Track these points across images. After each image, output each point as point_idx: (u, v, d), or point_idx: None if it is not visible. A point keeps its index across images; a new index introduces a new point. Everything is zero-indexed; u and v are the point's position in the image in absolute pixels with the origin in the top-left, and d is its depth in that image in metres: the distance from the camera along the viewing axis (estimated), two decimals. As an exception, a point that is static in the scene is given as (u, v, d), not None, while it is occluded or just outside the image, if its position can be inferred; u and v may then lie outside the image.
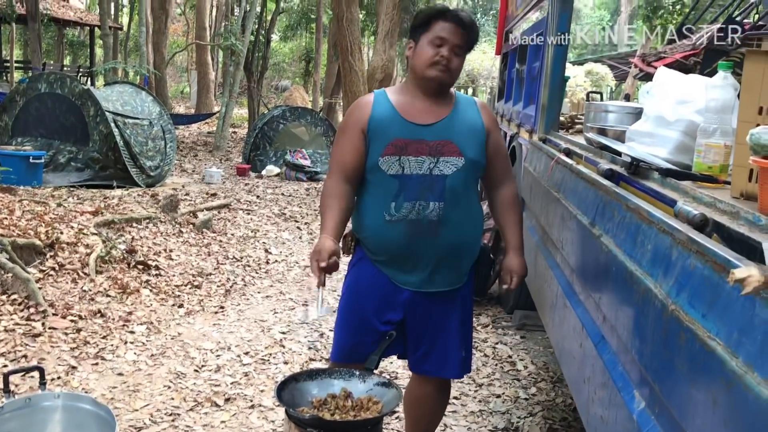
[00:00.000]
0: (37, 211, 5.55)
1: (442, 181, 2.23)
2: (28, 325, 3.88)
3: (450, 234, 2.27)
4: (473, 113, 2.35)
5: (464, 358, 2.49)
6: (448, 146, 2.25)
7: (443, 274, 2.34)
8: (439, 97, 2.31)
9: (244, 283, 5.42)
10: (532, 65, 4.90)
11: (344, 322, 2.45)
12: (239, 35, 14.59)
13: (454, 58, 2.24)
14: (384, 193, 2.26)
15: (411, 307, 2.36)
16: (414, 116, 2.27)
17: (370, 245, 2.36)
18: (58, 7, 22.54)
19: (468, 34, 2.26)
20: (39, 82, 8.77)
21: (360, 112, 2.30)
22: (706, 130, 1.98)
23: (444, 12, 2.26)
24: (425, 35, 2.25)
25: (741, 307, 1.09)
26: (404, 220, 2.24)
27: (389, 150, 2.23)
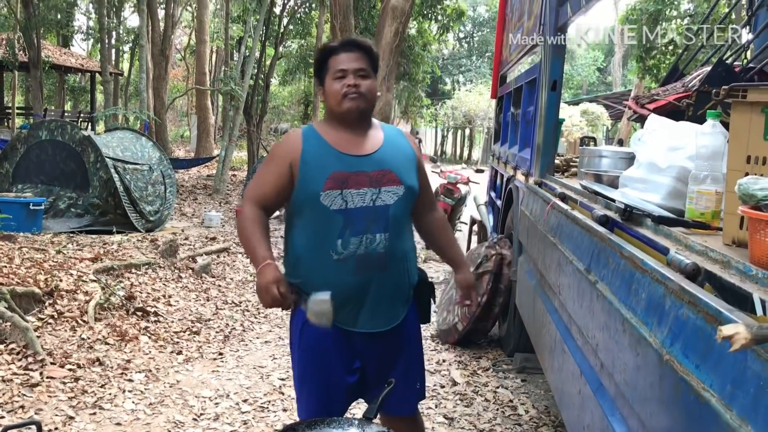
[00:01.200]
0: (36, 259, 5.56)
1: (386, 211, 2.21)
2: (25, 374, 3.86)
3: (397, 265, 2.26)
4: (403, 142, 2.37)
5: (418, 389, 2.49)
6: (387, 175, 2.23)
7: (392, 311, 2.30)
8: (364, 126, 2.30)
9: (243, 328, 5.41)
10: (527, 109, 4.97)
11: (309, 385, 2.37)
12: (239, 80, 14.78)
13: (362, 82, 2.22)
14: (328, 230, 2.19)
15: (365, 353, 2.32)
16: (349, 148, 2.24)
17: (314, 289, 2.20)
18: (60, 54, 22.88)
19: (366, 55, 2.27)
20: (40, 129, 8.86)
21: (289, 146, 2.26)
22: (697, 176, 2.02)
23: (335, 46, 2.29)
24: (327, 75, 2.26)
25: (733, 359, 1.11)
26: (353, 256, 2.18)
27: (329, 184, 2.17)
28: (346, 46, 2.26)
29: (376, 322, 2.29)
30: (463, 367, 4.79)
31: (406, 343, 2.39)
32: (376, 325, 2.30)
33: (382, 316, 2.30)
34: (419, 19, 21.18)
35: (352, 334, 2.30)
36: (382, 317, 2.30)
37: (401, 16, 11.38)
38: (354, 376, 2.34)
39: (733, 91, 1.70)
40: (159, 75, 19.92)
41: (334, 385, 2.34)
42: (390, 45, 11.40)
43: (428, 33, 23.10)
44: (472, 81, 40.89)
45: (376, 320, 2.29)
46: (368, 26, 20.01)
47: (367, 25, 20.02)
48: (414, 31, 22.85)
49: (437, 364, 4.81)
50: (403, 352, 2.39)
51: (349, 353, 2.32)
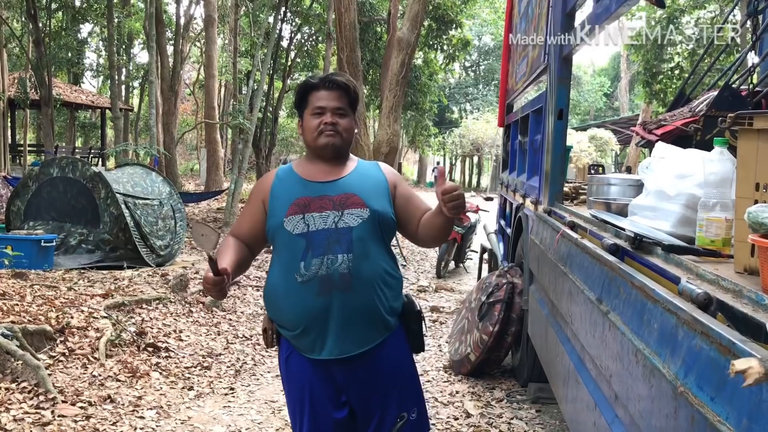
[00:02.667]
0: (47, 296, 5.58)
1: (348, 233, 2.21)
2: (37, 413, 3.85)
3: (364, 288, 2.21)
4: (375, 171, 2.40)
5: (413, 421, 2.36)
6: (351, 198, 2.26)
7: (362, 332, 2.25)
8: (339, 161, 2.36)
9: (254, 362, 5.39)
10: (534, 137, 4.99)
11: (298, 422, 2.37)
12: (247, 113, 14.92)
13: (339, 120, 2.29)
14: (292, 254, 2.23)
15: (347, 385, 2.30)
16: (315, 176, 2.32)
17: (285, 320, 2.28)
18: (71, 92, 23.23)
19: (345, 93, 2.31)
20: (51, 166, 8.95)
21: (262, 185, 2.39)
22: (706, 204, 2.01)
23: (315, 83, 2.32)
24: (306, 109, 2.32)
25: (749, 391, 1.09)
26: (315, 277, 2.19)
27: (292, 209, 2.25)
28: (327, 84, 2.30)
29: (344, 346, 2.24)
30: (476, 399, 4.74)
31: (392, 371, 2.33)
32: (345, 349, 2.25)
33: (350, 339, 2.24)
34: (425, 50, 21.41)
35: (329, 365, 2.27)
36: (350, 341, 2.24)
37: (407, 47, 11.51)
38: (342, 412, 2.31)
39: (740, 119, 1.70)
40: (168, 110, 20.15)
41: (322, 421, 2.31)
42: (397, 76, 11.52)
43: (434, 63, 23.33)
44: (479, 109, 41.12)
45: (345, 344, 2.24)
46: (375, 58, 20.23)
47: (373, 56, 20.24)
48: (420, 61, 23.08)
49: (450, 396, 4.76)
50: (390, 380, 2.32)
51: (332, 387, 2.30)
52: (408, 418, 2.34)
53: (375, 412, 2.32)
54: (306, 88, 2.33)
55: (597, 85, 45.34)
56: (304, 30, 21.68)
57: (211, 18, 19.68)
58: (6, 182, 12.96)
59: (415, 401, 2.39)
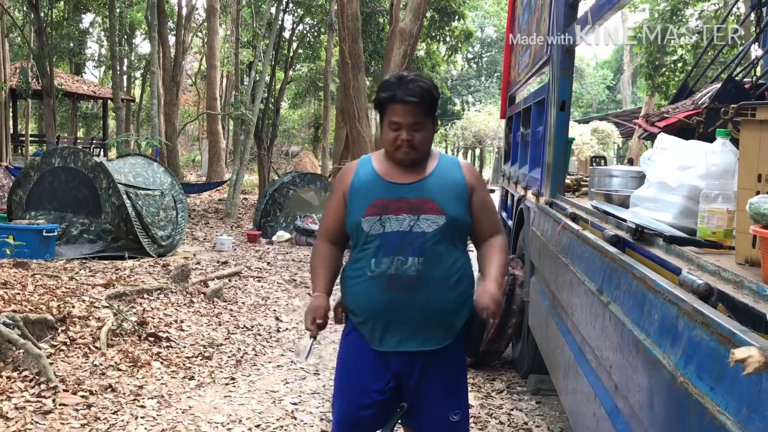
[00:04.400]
0: (49, 285, 5.59)
1: (422, 237, 2.24)
2: (38, 402, 3.86)
3: (430, 291, 2.26)
4: (455, 172, 2.37)
5: (456, 423, 2.41)
6: (428, 204, 2.27)
7: (424, 332, 2.31)
8: (418, 164, 2.35)
9: (255, 352, 5.39)
10: (536, 129, 4.98)
11: (341, 397, 2.46)
12: (249, 104, 14.89)
13: (415, 136, 2.26)
14: (366, 251, 2.30)
15: (402, 375, 2.36)
16: (394, 177, 2.33)
17: (353, 306, 2.39)
18: (72, 82, 23.20)
19: (422, 104, 2.25)
20: (53, 156, 8.96)
21: (344, 179, 2.41)
22: (708, 195, 2.00)
23: (392, 95, 2.25)
24: (384, 117, 2.30)
25: (749, 381, 1.09)
26: (384, 275, 2.26)
27: (370, 210, 2.28)
28: (403, 98, 2.23)
29: (402, 342, 2.32)
30: (476, 390, 4.75)
31: (447, 374, 2.39)
32: (403, 345, 2.32)
33: (409, 336, 2.32)
34: (428, 41, 21.33)
35: (387, 353, 2.35)
36: (410, 338, 2.32)
37: (409, 38, 11.47)
38: (385, 395, 2.36)
39: (742, 110, 1.69)
40: (170, 101, 20.12)
41: (362, 402, 2.37)
42: (399, 67, 11.48)
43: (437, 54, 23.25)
44: (481, 101, 41.03)
45: (403, 340, 2.32)
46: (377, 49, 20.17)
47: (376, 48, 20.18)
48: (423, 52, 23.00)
49: (450, 387, 4.77)
50: (442, 380, 2.39)
51: (384, 371, 2.36)
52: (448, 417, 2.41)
53: (421, 404, 2.38)
54: (382, 99, 2.29)
55: (599, 77, 45.21)
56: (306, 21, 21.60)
57: (213, 8, 19.64)
58: (8, 172, 12.96)
59: (460, 404, 2.46)
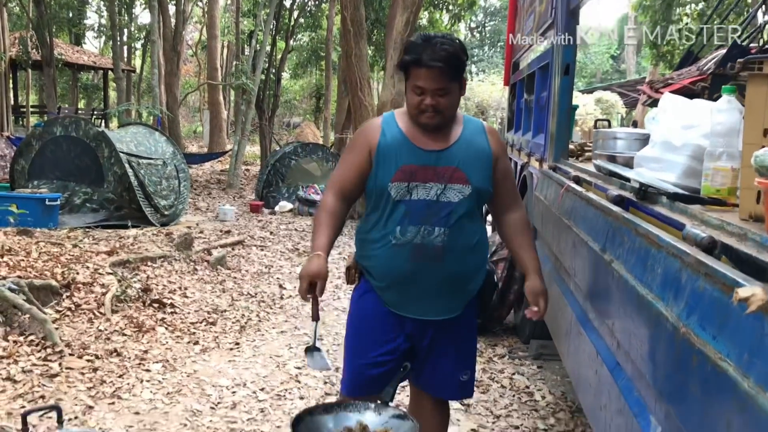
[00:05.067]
0: (53, 252, 5.61)
1: (449, 207, 2.24)
2: (45, 365, 3.90)
3: (454, 260, 2.28)
4: (481, 139, 2.33)
5: (465, 382, 2.50)
6: (456, 174, 2.24)
7: (445, 302, 2.34)
8: (444, 128, 2.30)
9: (259, 319, 5.43)
10: (540, 95, 4.95)
11: (352, 355, 2.48)
12: (250, 74, 14.79)
13: (440, 101, 2.19)
14: (390, 217, 2.27)
15: (415, 337, 2.39)
16: (423, 141, 2.27)
17: (374, 270, 2.36)
18: (72, 52, 23.02)
19: (448, 69, 2.17)
20: (54, 125, 8.93)
21: (369, 134, 2.32)
22: (712, 153, 2.00)
23: (417, 58, 2.17)
24: (408, 81, 2.23)
25: (751, 327, 1.10)
26: (409, 243, 2.25)
27: (398, 176, 2.23)
28: (429, 62, 2.14)
29: (425, 310, 2.35)
30: (478, 355, 4.76)
31: (460, 336, 2.43)
32: (426, 313, 2.35)
33: (431, 306, 2.35)
34: (430, 9, 21.11)
35: (405, 317, 2.37)
36: (433, 307, 2.35)
37: (412, 6, 11.32)
38: (396, 354, 2.39)
39: (749, 64, 1.68)
40: (171, 71, 19.97)
41: (374, 361, 2.40)
42: (401, 35, 11.36)
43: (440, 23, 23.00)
44: (484, 71, 40.69)
45: (426, 309, 2.35)
46: (379, 17, 19.98)
47: (378, 16, 19.98)
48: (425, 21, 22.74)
49: (453, 352, 4.80)
50: (456, 343, 2.42)
51: (398, 332, 2.38)
52: (459, 377, 2.48)
53: (432, 364, 2.42)
54: (408, 61, 2.20)
55: (604, 47, 44.79)
56: (308, -11, 21.39)
57: (213, -23, 19.41)
58: (9, 142, 12.93)
59: (470, 365, 2.53)
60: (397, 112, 2.37)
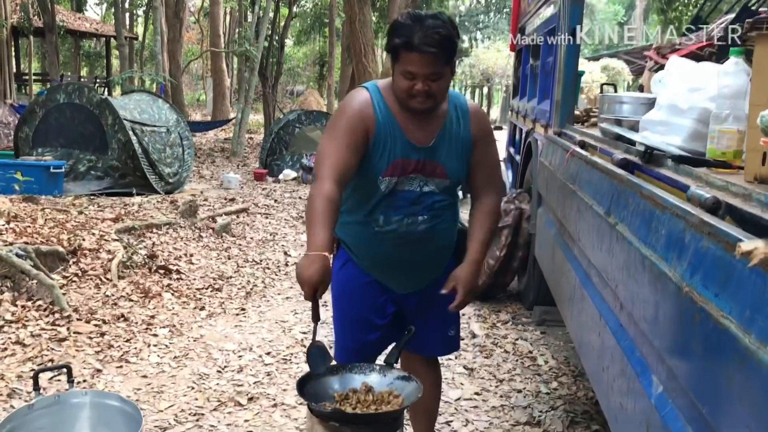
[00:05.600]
0: (59, 219, 5.64)
1: (431, 198, 2.24)
2: (53, 329, 3.95)
3: (437, 242, 2.31)
4: (464, 125, 2.25)
5: (452, 337, 2.56)
6: (437, 168, 2.21)
7: (426, 275, 2.39)
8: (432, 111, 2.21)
9: (264, 285, 5.47)
10: (546, 60, 4.91)
11: (343, 324, 2.50)
12: (253, 41, 14.68)
13: (432, 86, 2.08)
14: (374, 205, 2.23)
15: (401, 301, 2.44)
16: (412, 132, 2.18)
17: (355, 249, 2.37)
18: (74, 19, 22.86)
19: (440, 52, 2.04)
20: (57, 93, 8.90)
21: (364, 113, 2.15)
22: (718, 116, 1.98)
23: (407, 41, 2.02)
24: (397, 64, 2.09)
25: (753, 284, 1.11)
26: (393, 232, 2.25)
27: (389, 171, 2.18)
28: (420, 46, 2.00)
29: (407, 286, 2.41)
30: (482, 321, 4.82)
31: (438, 296, 2.40)
32: (408, 287, 2.41)
33: (414, 282, 2.40)
34: (435, -25, 20.85)
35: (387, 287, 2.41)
36: (414, 283, 2.40)
37: (416, -29, 11.20)
38: (385, 319, 2.43)
39: (757, 24, 1.66)
40: (173, 38, 19.83)
41: (364, 327, 2.44)
42: (405, 1, 11.26)
43: (444, -12, 22.73)
44: (489, 38, 40.27)
45: (408, 285, 2.41)
46: (383, -17, 19.74)
47: (382, -18, 19.75)
48: (430, -13, 22.47)
49: (457, 318, 4.84)
50: (440, 302, 2.40)
51: (383, 297, 2.41)
52: (447, 333, 2.53)
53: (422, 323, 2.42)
54: (397, 45, 2.05)
55: (611, 13, 44.24)
56: (311, -46, 21.13)
57: (215, -58, 19.17)
58: (13, 110, 12.90)
59: (455, 321, 2.58)
60: (382, 88, 2.21)
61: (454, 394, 3.66)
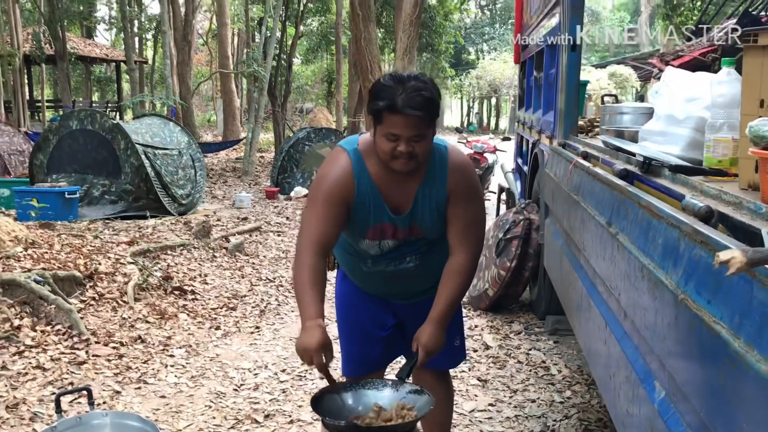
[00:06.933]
0: (75, 244, 5.73)
1: (416, 244, 2.29)
2: (72, 353, 4.03)
3: (428, 272, 2.35)
4: (440, 181, 2.21)
5: (457, 347, 2.59)
6: (415, 230, 2.26)
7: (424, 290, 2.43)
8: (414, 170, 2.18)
9: (278, 302, 5.53)
10: (549, 72, 4.97)
11: (346, 337, 2.56)
12: (261, 61, 14.84)
13: (415, 146, 2.05)
14: (360, 252, 2.32)
15: (402, 312, 2.49)
16: (391, 198, 2.20)
17: (349, 275, 2.50)
18: (85, 46, 23.21)
19: (424, 114, 2.02)
20: (70, 119, 9.05)
21: (344, 187, 2.16)
22: (713, 125, 2.03)
23: (391, 104, 2.00)
24: (380, 126, 2.06)
25: (741, 290, 1.15)
26: (382, 272, 2.34)
27: (370, 234, 2.23)
28: (404, 109, 1.99)
29: (406, 299, 2.48)
30: (495, 332, 4.86)
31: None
32: (409, 300, 2.47)
33: (412, 296, 2.47)
34: (439, -11, 21.00)
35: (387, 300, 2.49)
36: (411, 297, 2.47)
37: (420, -13, 11.31)
38: (386, 331, 2.49)
39: (745, 36, 1.72)
40: (183, 60, 20.06)
41: (367, 340, 2.49)
42: (410, 17, 11.37)
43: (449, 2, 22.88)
44: (496, 49, 40.41)
45: (406, 298, 2.48)
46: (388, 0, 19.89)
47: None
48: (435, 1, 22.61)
49: (469, 330, 4.87)
50: None
51: (383, 309, 2.48)
52: (452, 344, 2.52)
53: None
54: (380, 108, 2.03)
55: (616, 20, 44.27)
56: (316, -27, 21.35)
57: (221, -35, 19.42)
58: (27, 137, 13.09)
59: (459, 330, 2.61)
60: (362, 149, 2.20)
61: (468, 405, 3.69)
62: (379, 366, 2.56)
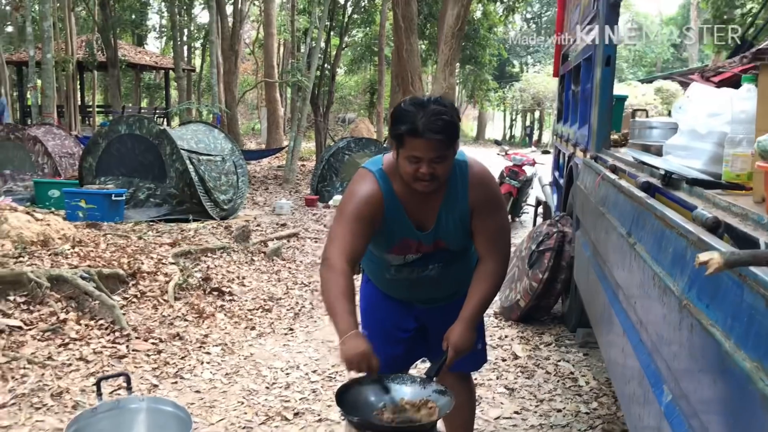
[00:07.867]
0: (119, 244, 5.95)
1: (439, 254, 2.38)
2: (113, 347, 4.20)
3: (450, 279, 2.46)
4: (463, 194, 2.28)
5: (480, 351, 2.67)
6: (439, 244, 2.34)
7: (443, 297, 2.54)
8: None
9: (312, 306, 5.66)
10: (585, 86, 5.01)
11: (369, 337, 2.61)
12: (305, 71, 15.08)
13: (437, 168, 2.12)
14: (385, 261, 2.43)
15: (424, 315, 2.58)
16: (415, 215, 2.28)
17: (372, 279, 2.62)
18: (135, 53, 23.86)
19: (444, 138, 2.08)
20: (119, 124, 9.35)
21: (373, 204, 2.23)
22: (733, 140, 2.08)
23: (412, 128, 2.07)
24: (402, 149, 2.13)
25: (734, 294, 1.22)
26: (406, 279, 2.44)
27: (396, 249, 2.35)
28: (425, 133, 2.05)
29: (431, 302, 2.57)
30: (525, 342, 4.89)
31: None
32: (432, 303, 2.57)
33: (433, 301, 2.56)
34: (484, 2, 21.04)
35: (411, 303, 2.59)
36: (434, 302, 2.57)
37: (462, 0, 11.40)
38: (407, 333, 2.59)
39: (760, 55, 1.77)
40: (229, 69, 20.48)
41: (391, 341, 2.58)
42: (452, 29, 11.46)
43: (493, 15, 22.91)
44: (540, 62, 40.24)
45: (432, 301, 2.57)
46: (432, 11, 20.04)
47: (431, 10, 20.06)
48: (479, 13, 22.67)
49: (500, 339, 4.93)
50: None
51: (406, 312, 2.58)
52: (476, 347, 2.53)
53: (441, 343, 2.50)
54: (402, 132, 2.09)
55: (665, 35, 43.66)
56: (361, -15, 21.62)
57: (269, -24, 19.80)
58: (78, 141, 13.53)
59: (481, 335, 2.68)
60: (387, 169, 2.28)
61: (494, 412, 3.74)
62: (401, 367, 2.63)
